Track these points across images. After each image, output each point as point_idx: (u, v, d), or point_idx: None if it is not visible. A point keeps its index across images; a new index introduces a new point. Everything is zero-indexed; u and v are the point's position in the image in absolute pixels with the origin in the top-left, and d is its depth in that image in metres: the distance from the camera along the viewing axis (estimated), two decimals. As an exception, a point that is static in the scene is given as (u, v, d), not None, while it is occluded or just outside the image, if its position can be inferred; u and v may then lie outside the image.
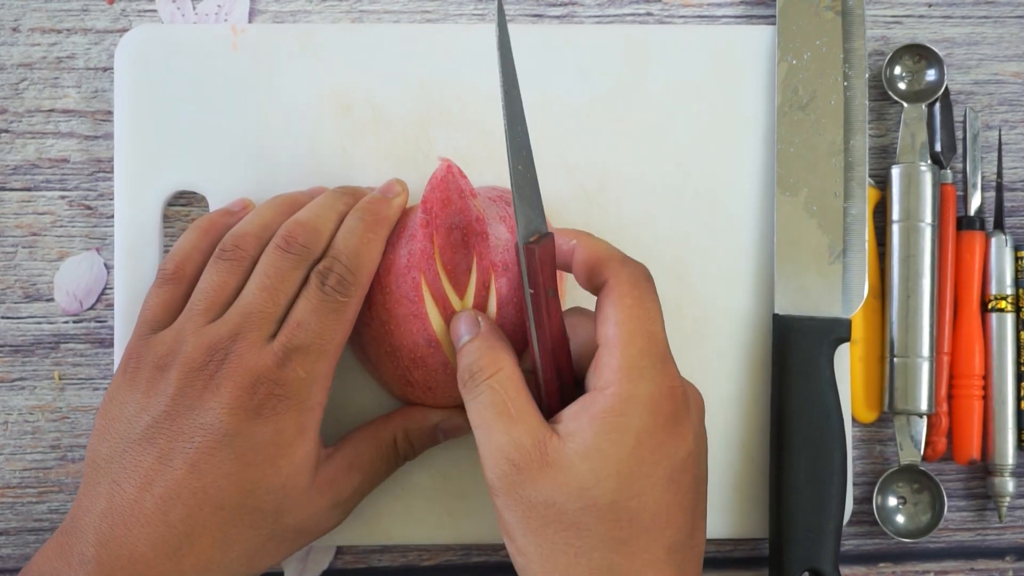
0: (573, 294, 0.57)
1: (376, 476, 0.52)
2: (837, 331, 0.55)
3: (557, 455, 0.44)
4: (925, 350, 0.57)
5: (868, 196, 0.58)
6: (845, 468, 0.55)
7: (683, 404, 0.46)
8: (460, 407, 0.54)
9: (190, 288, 0.50)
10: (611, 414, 0.44)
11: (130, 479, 0.46)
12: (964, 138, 0.60)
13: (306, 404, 0.48)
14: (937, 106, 0.59)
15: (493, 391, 0.46)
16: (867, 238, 0.56)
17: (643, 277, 0.47)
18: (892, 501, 0.58)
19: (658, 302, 0.47)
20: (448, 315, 0.50)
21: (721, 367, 0.57)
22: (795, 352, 0.55)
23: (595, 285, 0.48)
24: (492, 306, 0.50)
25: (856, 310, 0.56)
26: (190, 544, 0.46)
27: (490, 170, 0.57)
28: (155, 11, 0.59)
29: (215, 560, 0.46)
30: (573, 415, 0.45)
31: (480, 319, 0.49)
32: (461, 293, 0.50)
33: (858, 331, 0.58)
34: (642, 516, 0.44)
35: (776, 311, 0.56)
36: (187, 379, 0.47)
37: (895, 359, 0.57)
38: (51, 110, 0.59)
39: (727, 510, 0.57)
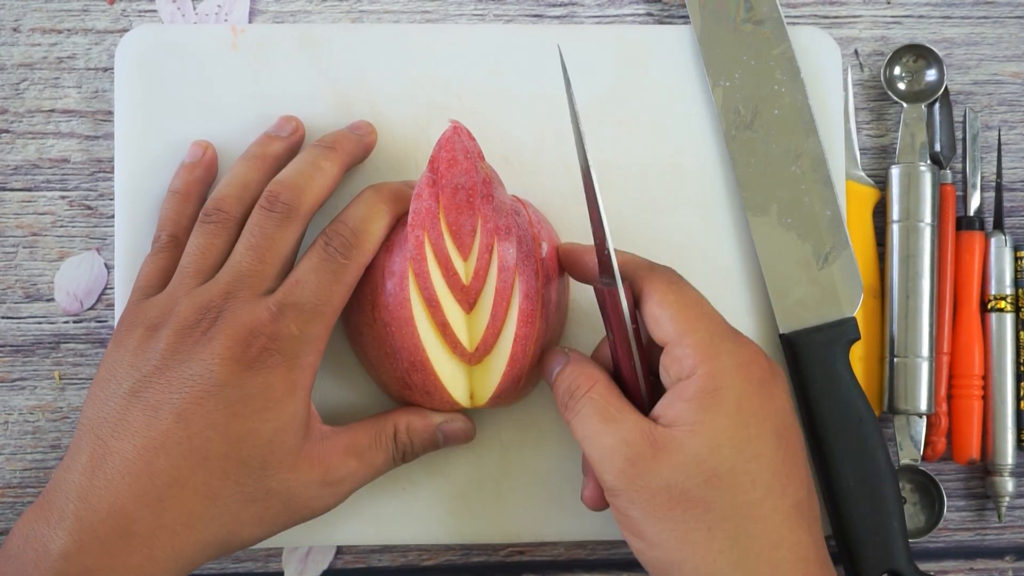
0: (577, 297, 0.57)
1: (371, 466, 0.51)
2: (846, 332, 0.55)
3: (666, 440, 0.46)
4: (925, 350, 0.57)
5: (868, 196, 0.58)
6: (891, 462, 0.54)
7: (768, 368, 0.48)
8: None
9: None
10: (705, 393, 0.46)
11: (114, 433, 0.46)
12: (964, 138, 0.60)
13: (296, 362, 0.48)
14: (937, 106, 0.59)
15: (593, 401, 0.48)
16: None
17: (675, 275, 0.49)
18: (892, 501, 0.58)
19: (698, 292, 0.49)
20: (453, 280, 0.50)
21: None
22: (812, 367, 0.55)
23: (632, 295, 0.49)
24: (494, 270, 0.50)
25: (859, 304, 0.55)
26: (172, 495, 0.45)
27: (490, 170, 0.57)
28: (155, 11, 0.59)
29: (197, 513, 0.46)
30: (667, 406, 0.47)
31: (567, 350, 0.51)
32: (465, 255, 0.50)
33: (858, 331, 0.58)
34: (763, 476, 0.46)
35: (781, 331, 0.56)
36: (179, 336, 0.47)
37: (895, 359, 0.57)
38: (51, 110, 0.59)
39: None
